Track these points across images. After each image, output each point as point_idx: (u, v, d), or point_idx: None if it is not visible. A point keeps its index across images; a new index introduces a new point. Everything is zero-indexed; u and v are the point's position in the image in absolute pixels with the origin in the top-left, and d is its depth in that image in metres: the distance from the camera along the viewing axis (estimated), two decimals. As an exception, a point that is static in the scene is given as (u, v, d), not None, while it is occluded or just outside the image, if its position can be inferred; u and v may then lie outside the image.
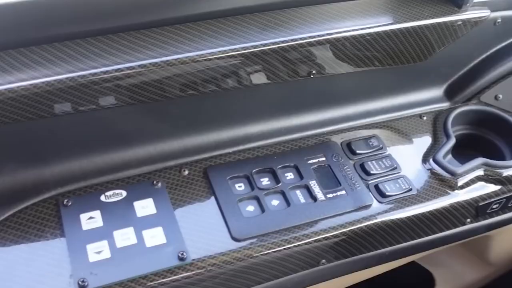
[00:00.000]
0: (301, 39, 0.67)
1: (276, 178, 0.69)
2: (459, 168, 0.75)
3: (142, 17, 0.63)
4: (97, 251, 0.59)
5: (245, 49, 0.64)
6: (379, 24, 0.72)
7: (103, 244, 0.59)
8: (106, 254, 0.59)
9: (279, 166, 0.71)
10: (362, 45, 0.71)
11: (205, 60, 0.62)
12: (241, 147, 0.72)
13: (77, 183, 0.64)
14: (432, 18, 0.75)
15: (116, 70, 0.58)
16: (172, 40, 0.63)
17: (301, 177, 0.70)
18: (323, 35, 0.68)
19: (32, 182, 0.63)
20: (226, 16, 0.67)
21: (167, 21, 0.64)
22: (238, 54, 0.64)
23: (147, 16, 0.63)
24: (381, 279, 0.98)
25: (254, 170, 0.69)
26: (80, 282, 0.56)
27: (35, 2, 0.57)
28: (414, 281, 1.18)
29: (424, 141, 0.81)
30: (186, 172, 0.68)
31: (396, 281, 1.16)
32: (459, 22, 0.77)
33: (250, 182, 0.68)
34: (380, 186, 0.72)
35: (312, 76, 0.71)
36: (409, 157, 0.77)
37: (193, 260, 0.60)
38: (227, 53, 0.63)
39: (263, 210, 0.66)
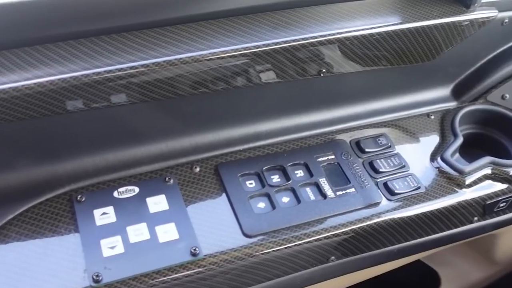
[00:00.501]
0: (312, 38, 0.68)
1: (286, 176, 0.70)
2: (467, 167, 0.76)
3: (155, 16, 0.64)
4: (111, 246, 0.59)
5: (257, 48, 0.64)
6: (388, 23, 0.72)
7: (117, 239, 0.60)
8: (120, 249, 0.59)
9: (289, 164, 0.71)
10: (371, 44, 0.72)
11: (218, 58, 0.63)
12: (251, 145, 0.73)
13: (90, 179, 0.65)
14: (441, 18, 0.75)
15: (131, 68, 0.59)
16: (185, 39, 0.63)
17: (311, 174, 0.71)
18: (333, 34, 0.69)
19: (46, 178, 0.64)
20: (238, 15, 0.68)
21: (180, 20, 0.65)
22: (250, 52, 0.64)
23: (160, 15, 0.64)
24: (387, 278, 0.99)
25: (264, 168, 0.70)
26: (94, 277, 0.57)
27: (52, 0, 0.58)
28: (419, 280, 1.18)
29: (431, 140, 0.81)
30: (198, 169, 0.69)
31: (401, 280, 1.17)
32: (467, 22, 0.77)
33: (261, 179, 0.69)
34: (389, 184, 0.72)
35: (322, 75, 0.72)
36: (417, 156, 0.78)
37: (205, 255, 0.61)
38: (240, 51, 0.64)
39: (273, 207, 0.66)
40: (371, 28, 0.71)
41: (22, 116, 0.57)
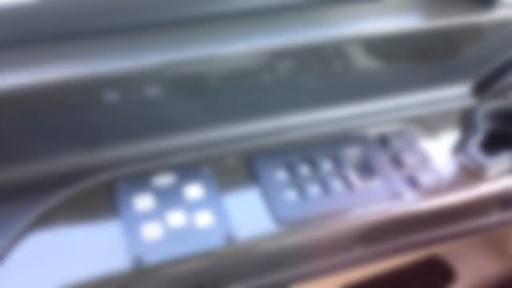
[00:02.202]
0: (341, 35, 0.70)
1: (315, 167, 0.73)
2: (488, 161, 0.78)
3: (195, 11, 0.67)
4: (150, 230, 0.62)
5: (290, 44, 0.67)
6: (411, 23, 0.75)
7: (156, 224, 0.63)
8: (159, 233, 0.62)
9: (318, 156, 0.74)
10: (397, 42, 0.74)
11: (255, 53, 0.65)
12: (281, 137, 0.75)
13: (129, 167, 0.68)
14: (463, 17, 0.78)
15: (175, 61, 0.62)
16: (223, 33, 0.66)
17: (339, 166, 0.73)
18: (359, 32, 0.71)
19: (87, 165, 0.66)
20: (270, 13, 0.70)
21: (216, 16, 0.68)
22: (283, 48, 0.67)
23: (199, 10, 0.67)
24: (403, 272, 1.01)
25: (294, 159, 0.73)
26: (136, 259, 0.59)
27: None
28: (435, 274, 1.20)
29: (453, 135, 0.83)
30: (231, 159, 0.71)
31: (417, 274, 1.19)
32: (489, 22, 0.79)
33: (291, 170, 0.72)
34: (413, 176, 0.74)
35: (349, 70, 0.74)
36: (439, 150, 0.80)
37: (240, 241, 0.63)
38: (273, 47, 0.66)
39: (303, 196, 0.69)
40: (397, 27, 0.74)
41: (69, 106, 0.60)
